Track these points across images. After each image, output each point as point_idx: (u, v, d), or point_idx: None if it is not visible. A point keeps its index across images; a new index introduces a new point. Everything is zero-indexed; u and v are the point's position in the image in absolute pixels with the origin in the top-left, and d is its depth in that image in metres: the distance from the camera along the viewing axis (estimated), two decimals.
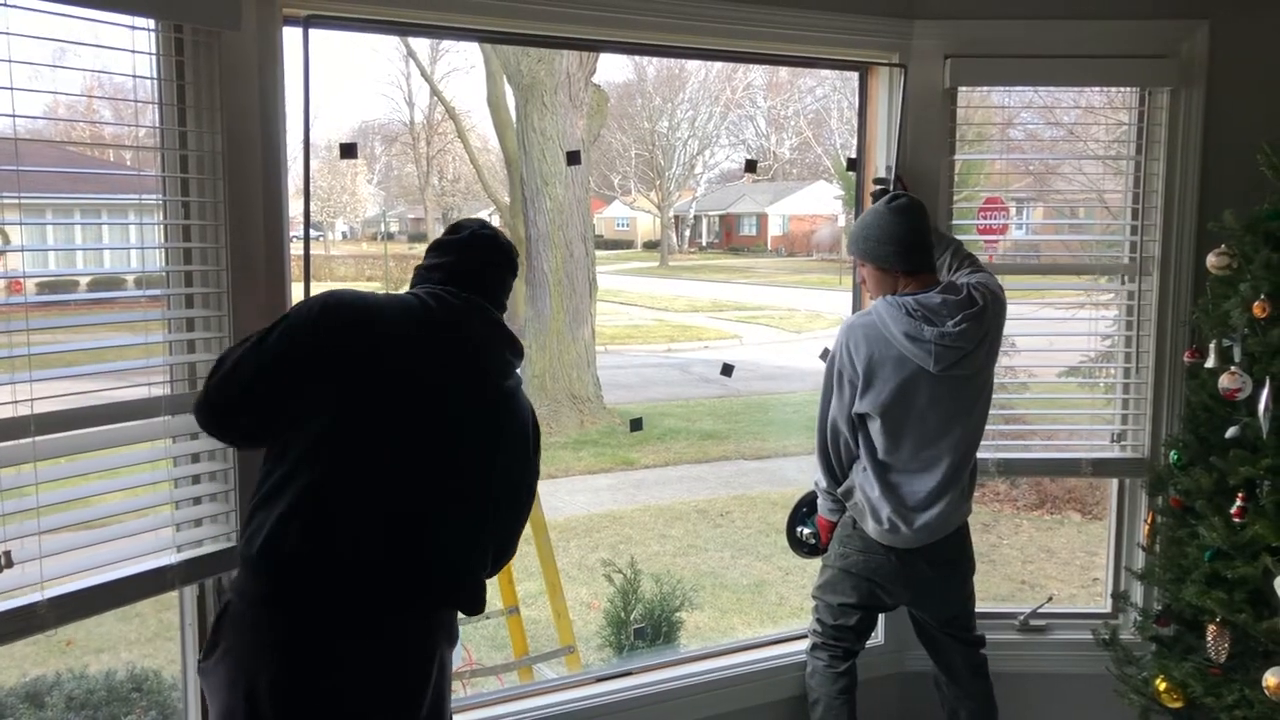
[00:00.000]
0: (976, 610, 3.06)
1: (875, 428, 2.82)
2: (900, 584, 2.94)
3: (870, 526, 2.86)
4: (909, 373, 2.73)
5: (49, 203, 2.66)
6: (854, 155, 3.39)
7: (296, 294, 2.53)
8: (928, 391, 2.75)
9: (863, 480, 2.89)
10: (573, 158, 5.34)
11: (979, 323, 2.71)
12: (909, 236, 2.77)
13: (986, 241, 4.51)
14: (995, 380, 2.93)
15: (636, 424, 3.74)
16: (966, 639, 3.06)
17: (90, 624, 2.34)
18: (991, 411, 3.74)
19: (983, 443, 3.47)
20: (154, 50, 2.27)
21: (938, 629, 3.06)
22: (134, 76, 2.23)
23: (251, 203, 2.40)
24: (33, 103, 2.09)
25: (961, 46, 3.20)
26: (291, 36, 2.49)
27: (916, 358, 2.71)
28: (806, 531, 3.19)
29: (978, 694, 3.05)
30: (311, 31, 2.51)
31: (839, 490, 2.96)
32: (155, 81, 2.28)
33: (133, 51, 2.21)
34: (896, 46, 3.19)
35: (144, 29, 2.23)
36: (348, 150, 2.92)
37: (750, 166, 15.73)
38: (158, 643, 5.20)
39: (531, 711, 3.00)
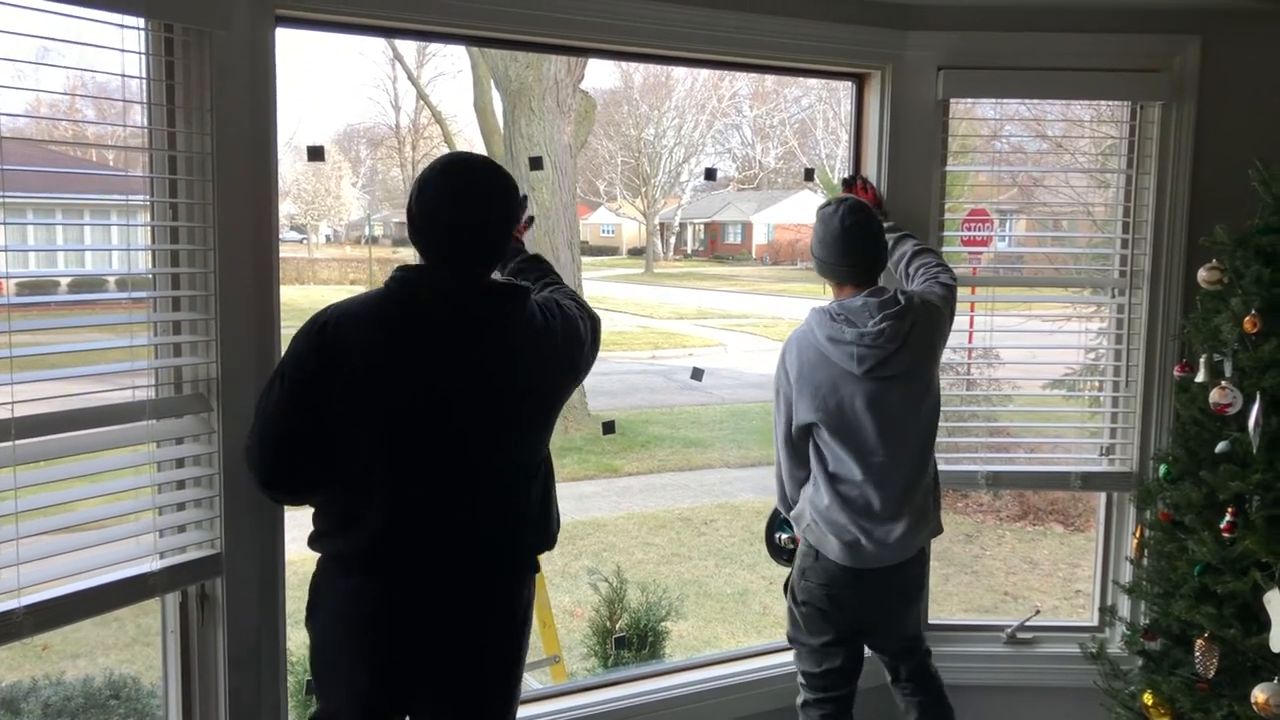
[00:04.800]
0: (958, 622, 3.02)
1: (819, 438, 2.75)
2: (866, 612, 2.84)
3: (831, 545, 2.74)
4: (836, 377, 2.68)
5: (30, 202, 2.62)
6: (844, 170, 3.39)
7: (284, 295, 2.51)
8: (861, 396, 2.67)
9: (813, 495, 2.79)
10: (535, 163, 5.30)
11: (901, 320, 2.65)
12: (836, 252, 2.73)
13: (970, 253, 4.53)
14: (980, 392, 2.91)
15: (609, 427, 3.70)
16: (913, 649, 2.97)
17: (67, 629, 2.31)
18: (978, 424, 3.76)
19: (971, 455, 3.49)
20: (143, 49, 2.23)
21: (890, 652, 2.97)
22: (123, 76, 2.19)
23: (240, 205, 2.37)
24: (17, 101, 2.05)
25: (954, 58, 3.20)
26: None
27: (841, 361, 2.66)
28: (784, 537, 3.18)
29: (930, 690, 2.96)
30: (300, 33, 2.49)
31: (791, 514, 2.89)
32: (144, 81, 2.24)
33: (122, 50, 2.18)
34: (890, 58, 3.18)
35: (134, 28, 2.20)
36: (315, 153, 2.89)
37: (709, 174, 15.68)
38: (135, 648, 5.15)
39: None
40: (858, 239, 2.73)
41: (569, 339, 2.22)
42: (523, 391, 2.13)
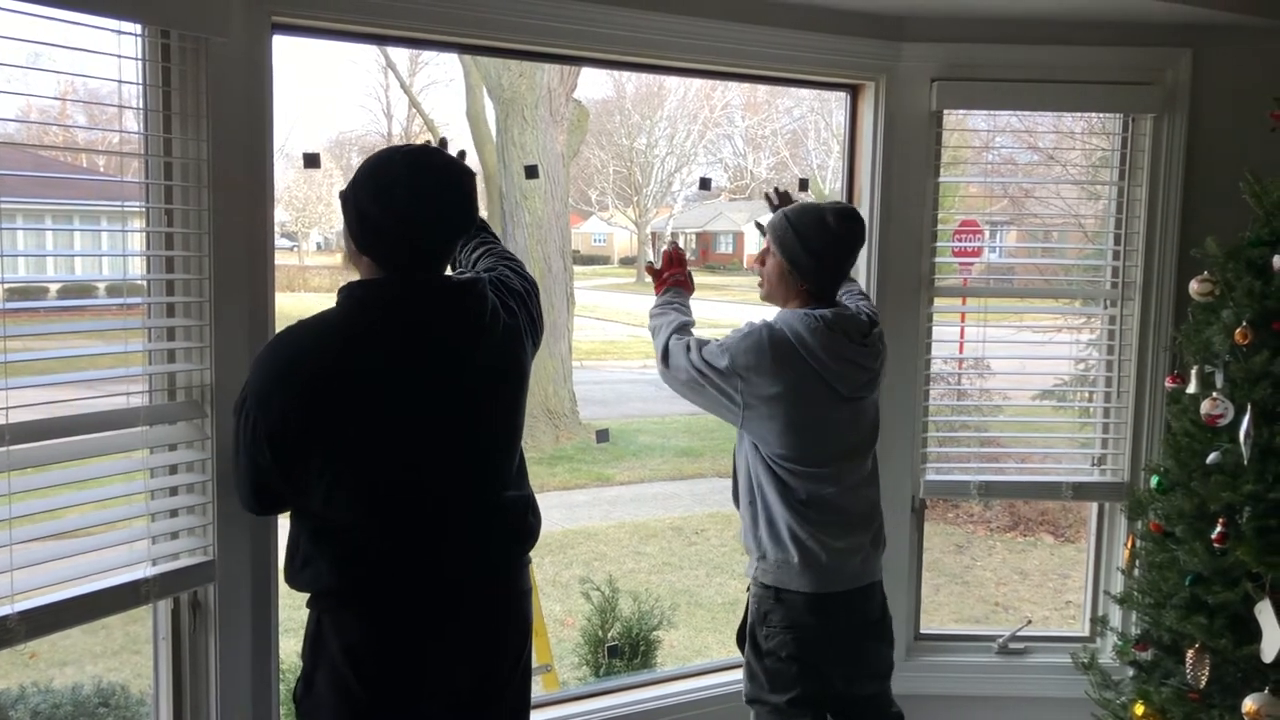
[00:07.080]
0: (950, 632, 2.99)
1: (780, 460, 2.50)
2: (830, 649, 2.54)
3: (792, 571, 2.48)
4: (819, 393, 2.45)
5: (20, 208, 2.61)
6: (835, 180, 3.40)
7: (276, 302, 2.51)
8: (837, 414, 2.49)
9: (766, 525, 2.53)
10: (530, 172, 5.30)
11: (882, 343, 2.60)
12: (844, 263, 2.55)
13: (961, 264, 4.55)
14: (971, 403, 2.89)
15: (603, 435, 3.69)
16: (887, 714, 2.69)
17: (55, 636, 2.30)
18: (969, 434, 3.77)
19: (962, 465, 3.51)
20: (140, 55, 2.23)
21: (856, 712, 2.66)
22: (119, 81, 2.19)
23: (236, 211, 2.37)
24: (11, 105, 2.05)
25: (948, 70, 3.22)
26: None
27: (831, 377, 2.44)
28: None
29: None
30: (292, 41, 2.50)
31: (752, 564, 2.60)
32: (140, 87, 2.24)
33: (118, 56, 2.18)
34: (884, 69, 3.20)
35: (130, 34, 2.20)
36: (310, 160, 2.87)
37: (704, 184, 15.69)
38: (124, 656, 5.12)
39: None
40: (856, 239, 2.54)
41: (529, 320, 2.19)
42: (504, 386, 2.08)
